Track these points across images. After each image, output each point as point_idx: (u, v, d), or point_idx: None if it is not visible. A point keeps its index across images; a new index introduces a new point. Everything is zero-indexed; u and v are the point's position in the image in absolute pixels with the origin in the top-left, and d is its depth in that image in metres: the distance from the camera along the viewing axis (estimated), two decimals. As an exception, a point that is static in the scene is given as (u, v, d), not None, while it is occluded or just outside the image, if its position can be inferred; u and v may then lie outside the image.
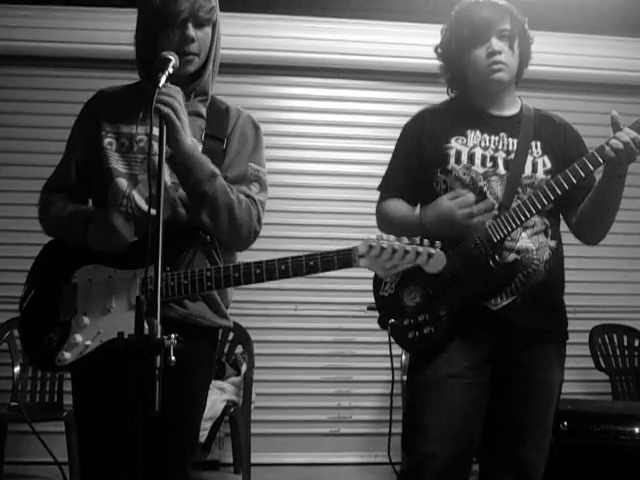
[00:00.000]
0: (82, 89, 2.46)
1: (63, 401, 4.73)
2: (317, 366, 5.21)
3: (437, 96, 2.73)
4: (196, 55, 2.15)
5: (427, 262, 1.97)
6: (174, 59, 1.99)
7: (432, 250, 1.96)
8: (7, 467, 4.73)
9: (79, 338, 2.05)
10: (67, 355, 2.05)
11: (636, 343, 5.32)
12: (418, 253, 1.96)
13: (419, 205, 2.56)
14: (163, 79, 1.88)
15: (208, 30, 2.17)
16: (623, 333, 5.34)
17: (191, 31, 2.11)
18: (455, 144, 2.47)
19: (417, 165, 2.53)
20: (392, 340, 2.48)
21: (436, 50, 2.61)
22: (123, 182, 2.16)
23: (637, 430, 3.31)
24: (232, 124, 2.26)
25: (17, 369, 4.75)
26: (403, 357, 3.54)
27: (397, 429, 2.60)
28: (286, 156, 5.45)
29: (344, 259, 2.00)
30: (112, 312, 2.05)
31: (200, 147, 2.17)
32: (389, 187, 2.59)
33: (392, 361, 2.47)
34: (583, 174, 2.32)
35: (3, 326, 4.73)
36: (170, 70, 1.95)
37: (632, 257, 5.72)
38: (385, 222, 2.56)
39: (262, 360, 5.07)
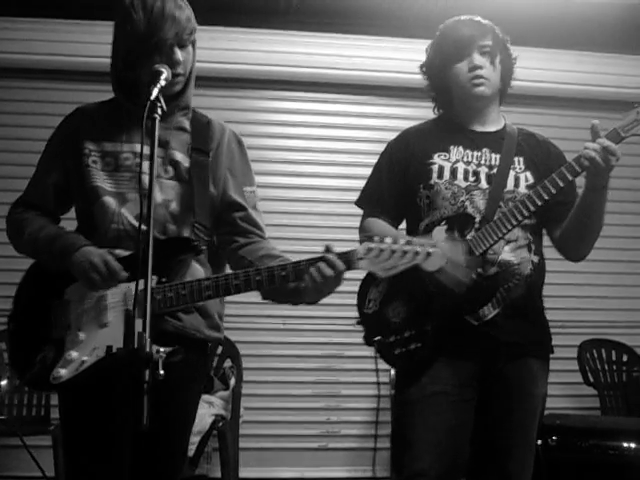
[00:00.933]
0: (75, 102, 2.45)
1: (50, 415, 4.69)
2: (306, 380, 5.19)
3: (427, 111, 2.75)
4: (182, 75, 2.17)
5: (425, 260, 1.97)
6: (166, 72, 1.99)
7: (430, 249, 1.97)
8: (-7, 481, 4.71)
9: (74, 354, 2.02)
10: (63, 372, 2.03)
11: (624, 358, 5.33)
12: (417, 252, 1.96)
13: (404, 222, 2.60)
14: (155, 92, 1.87)
15: (190, 50, 2.19)
16: (611, 348, 5.34)
17: (178, 55, 2.12)
18: (437, 160, 2.50)
19: (401, 182, 2.56)
20: (379, 356, 2.48)
21: (421, 68, 2.66)
22: (110, 200, 2.15)
23: (625, 445, 3.31)
24: (217, 139, 2.27)
25: (4, 382, 4.71)
26: (392, 371, 3.54)
27: (383, 444, 2.60)
28: (277, 170, 5.45)
29: (343, 261, 2.00)
30: (109, 326, 2.03)
31: (187, 161, 2.18)
32: (374, 203, 2.61)
33: (378, 376, 2.46)
34: (562, 184, 2.34)
35: (-10, 339, 4.71)
36: (162, 83, 1.94)
37: (620, 272, 5.73)
38: None
39: (251, 374, 5.06)
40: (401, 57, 5.22)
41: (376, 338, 2.46)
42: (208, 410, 4.50)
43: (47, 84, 5.42)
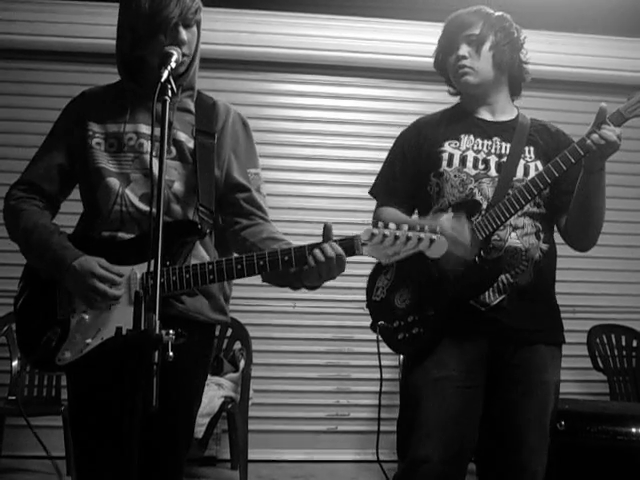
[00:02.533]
0: (80, 83, 2.45)
1: (61, 395, 4.73)
2: (316, 363, 5.22)
3: (439, 94, 2.76)
4: (187, 56, 2.15)
5: (429, 247, 1.96)
6: (176, 54, 1.99)
7: (434, 236, 1.96)
8: (4, 461, 4.74)
9: (79, 336, 2.03)
10: (68, 354, 2.04)
11: (634, 344, 5.32)
12: (420, 239, 1.95)
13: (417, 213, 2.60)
14: (165, 74, 1.87)
15: (194, 30, 2.17)
16: (621, 333, 5.34)
17: (183, 35, 2.11)
18: (448, 148, 2.52)
19: (413, 171, 2.57)
20: (381, 340, 2.49)
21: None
22: (114, 181, 2.15)
23: (634, 430, 3.31)
24: (222, 120, 2.27)
25: (15, 363, 4.75)
26: (401, 356, 3.54)
27: (387, 427, 2.61)
28: (286, 153, 5.46)
29: (347, 247, 1.99)
30: (113, 308, 2.03)
31: (192, 142, 2.18)
32: (388, 192, 2.62)
33: (380, 359, 2.47)
34: (565, 167, 2.33)
35: (1, 320, 4.74)
36: (173, 65, 1.94)
37: (631, 257, 5.73)
38: None
39: (260, 357, 5.08)
40: (413, 40, 5.21)
41: (379, 323, 2.46)
42: (217, 392, 4.52)
43: (53, 66, 5.43)
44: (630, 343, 5.32)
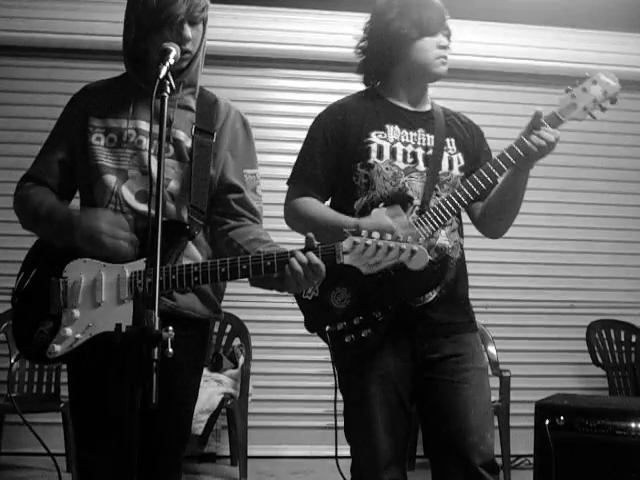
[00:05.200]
0: (80, 80, 2.45)
1: (60, 392, 4.74)
2: (315, 359, 5.20)
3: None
4: (190, 53, 2.16)
5: (410, 259, 1.96)
6: (175, 50, 1.98)
7: (415, 247, 1.96)
8: (4, 458, 4.76)
9: (69, 331, 2.05)
10: (57, 348, 2.06)
11: (633, 339, 5.33)
12: (401, 250, 1.95)
13: (330, 201, 2.56)
14: (164, 70, 1.86)
15: (200, 27, 2.18)
16: (620, 328, 5.34)
17: (188, 32, 2.12)
18: (376, 138, 2.46)
19: (336, 159, 2.50)
20: (326, 344, 2.48)
21: (366, 30, 2.58)
22: (111, 179, 2.15)
23: (633, 425, 3.31)
24: (222, 118, 2.27)
25: (13, 360, 4.75)
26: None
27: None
28: (282, 149, 5.43)
29: (328, 255, 1.99)
30: (102, 306, 2.04)
31: (189, 141, 2.18)
32: (307, 180, 2.52)
33: (333, 358, 2.47)
34: (506, 167, 2.37)
35: (1, 317, 4.74)
36: (171, 61, 1.94)
37: (630, 253, 5.73)
38: (301, 220, 2.49)
39: (260, 353, 5.09)
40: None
41: (327, 328, 2.43)
42: (217, 388, 4.52)
43: (53, 62, 5.43)
44: (629, 338, 5.33)
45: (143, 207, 2.11)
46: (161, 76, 1.85)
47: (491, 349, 4.83)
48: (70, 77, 5.13)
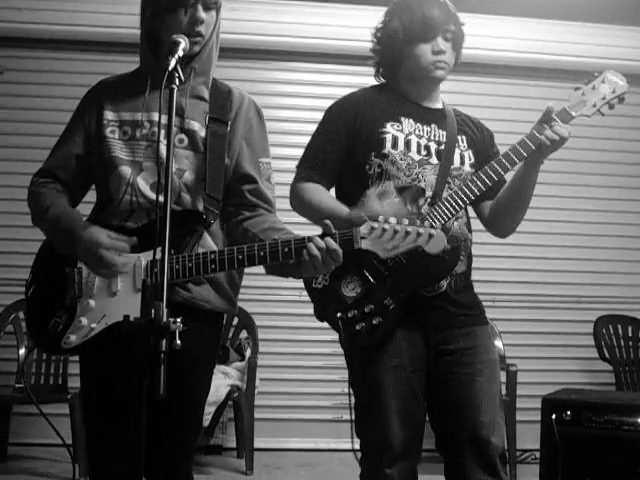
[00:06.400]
0: (99, 72, 2.46)
1: (67, 383, 4.76)
2: (321, 352, 5.21)
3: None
4: (202, 37, 2.18)
5: (427, 242, 1.96)
6: (184, 42, 2.00)
7: (432, 231, 1.96)
8: (11, 448, 4.77)
9: (84, 321, 2.06)
10: (73, 338, 2.06)
11: (640, 334, 5.33)
12: (419, 234, 1.95)
13: (340, 188, 2.58)
14: (173, 62, 1.88)
15: (214, 14, 2.20)
16: (628, 324, 5.33)
17: (201, 13, 2.14)
18: (391, 129, 2.49)
19: (347, 147, 2.52)
20: (337, 332, 2.47)
21: (376, 34, 2.63)
22: (126, 170, 2.16)
23: (640, 421, 3.32)
24: (236, 108, 2.27)
25: (22, 351, 4.77)
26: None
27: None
28: (285, 142, 5.43)
29: (346, 240, 1.99)
30: (117, 295, 2.05)
31: (203, 131, 2.19)
32: (314, 166, 2.54)
33: (345, 348, 2.47)
34: (517, 160, 2.40)
35: (8, 308, 4.76)
36: (180, 53, 1.95)
37: (638, 248, 5.71)
38: (305, 206, 2.52)
39: (266, 345, 5.10)
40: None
41: (338, 315, 2.42)
42: (224, 381, 4.53)
43: (72, 55, 5.45)
44: (636, 333, 5.32)
45: (160, 197, 2.12)
46: (170, 68, 1.86)
47: (498, 343, 4.82)
48: (88, 69, 5.10)
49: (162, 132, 2.09)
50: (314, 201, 2.49)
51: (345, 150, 2.52)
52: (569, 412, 3.40)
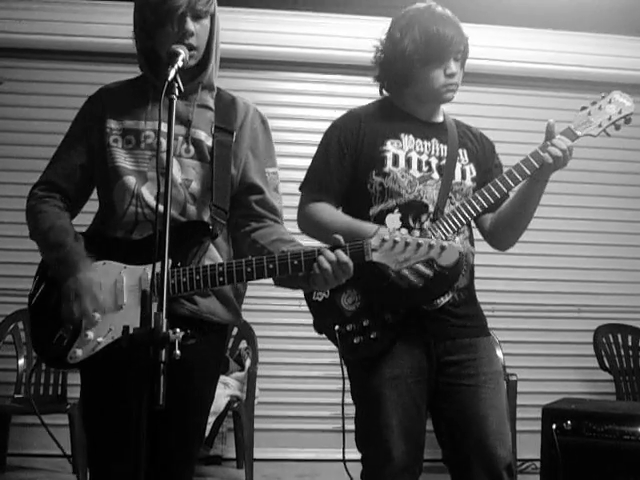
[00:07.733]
0: (95, 83, 2.45)
1: (67, 394, 4.74)
2: (321, 362, 5.19)
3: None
4: (195, 49, 2.13)
5: (440, 255, 1.96)
6: (183, 52, 1.98)
7: (445, 243, 1.96)
8: (10, 459, 4.75)
9: (91, 335, 2.02)
10: (79, 352, 2.03)
11: (640, 343, 5.32)
12: (431, 246, 1.95)
13: (342, 208, 2.56)
14: (172, 73, 1.86)
15: (206, 22, 2.15)
16: (628, 333, 5.33)
17: (190, 25, 2.09)
18: (391, 147, 2.48)
19: (351, 167, 2.51)
20: (334, 344, 2.47)
21: (382, 47, 2.58)
22: (131, 180, 2.14)
23: (640, 430, 3.31)
24: (241, 118, 2.26)
25: (21, 361, 4.76)
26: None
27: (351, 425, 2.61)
28: (302, 153, 5.43)
29: (357, 252, 1.98)
30: (124, 308, 2.03)
31: (210, 140, 2.17)
32: (320, 186, 2.52)
33: (342, 360, 2.46)
34: (521, 178, 2.41)
35: (8, 318, 4.75)
36: (180, 64, 1.93)
37: (637, 257, 5.71)
38: (316, 226, 2.50)
39: (266, 355, 5.08)
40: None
41: (336, 328, 2.42)
42: (223, 391, 4.52)
43: (68, 65, 5.45)
44: (636, 343, 5.31)
45: (162, 207, 2.11)
46: (169, 78, 1.84)
47: (498, 353, 4.81)
48: (84, 79, 5.05)
49: (164, 142, 2.06)
50: (326, 219, 2.47)
51: (348, 169, 2.51)
52: (569, 422, 3.39)
